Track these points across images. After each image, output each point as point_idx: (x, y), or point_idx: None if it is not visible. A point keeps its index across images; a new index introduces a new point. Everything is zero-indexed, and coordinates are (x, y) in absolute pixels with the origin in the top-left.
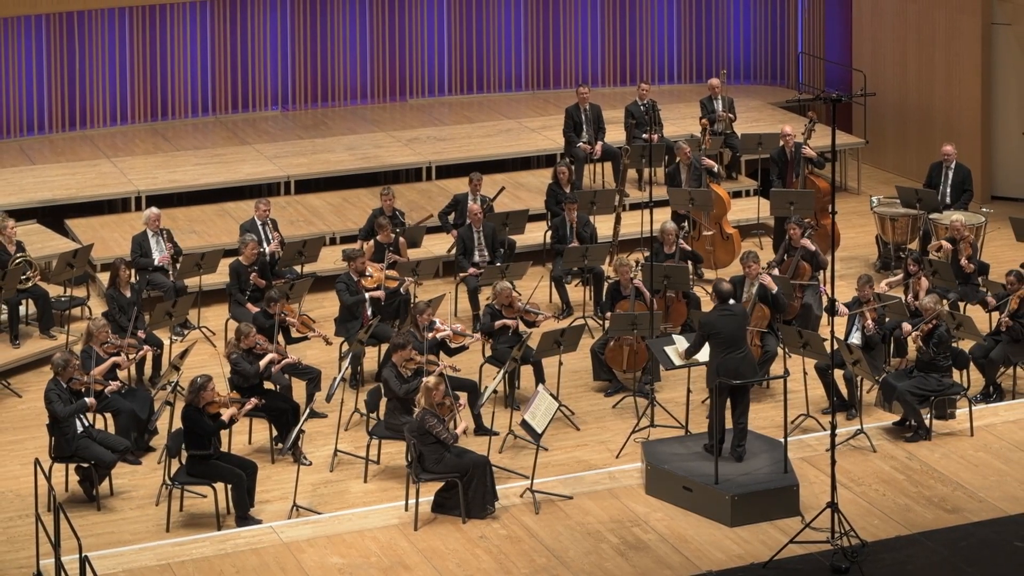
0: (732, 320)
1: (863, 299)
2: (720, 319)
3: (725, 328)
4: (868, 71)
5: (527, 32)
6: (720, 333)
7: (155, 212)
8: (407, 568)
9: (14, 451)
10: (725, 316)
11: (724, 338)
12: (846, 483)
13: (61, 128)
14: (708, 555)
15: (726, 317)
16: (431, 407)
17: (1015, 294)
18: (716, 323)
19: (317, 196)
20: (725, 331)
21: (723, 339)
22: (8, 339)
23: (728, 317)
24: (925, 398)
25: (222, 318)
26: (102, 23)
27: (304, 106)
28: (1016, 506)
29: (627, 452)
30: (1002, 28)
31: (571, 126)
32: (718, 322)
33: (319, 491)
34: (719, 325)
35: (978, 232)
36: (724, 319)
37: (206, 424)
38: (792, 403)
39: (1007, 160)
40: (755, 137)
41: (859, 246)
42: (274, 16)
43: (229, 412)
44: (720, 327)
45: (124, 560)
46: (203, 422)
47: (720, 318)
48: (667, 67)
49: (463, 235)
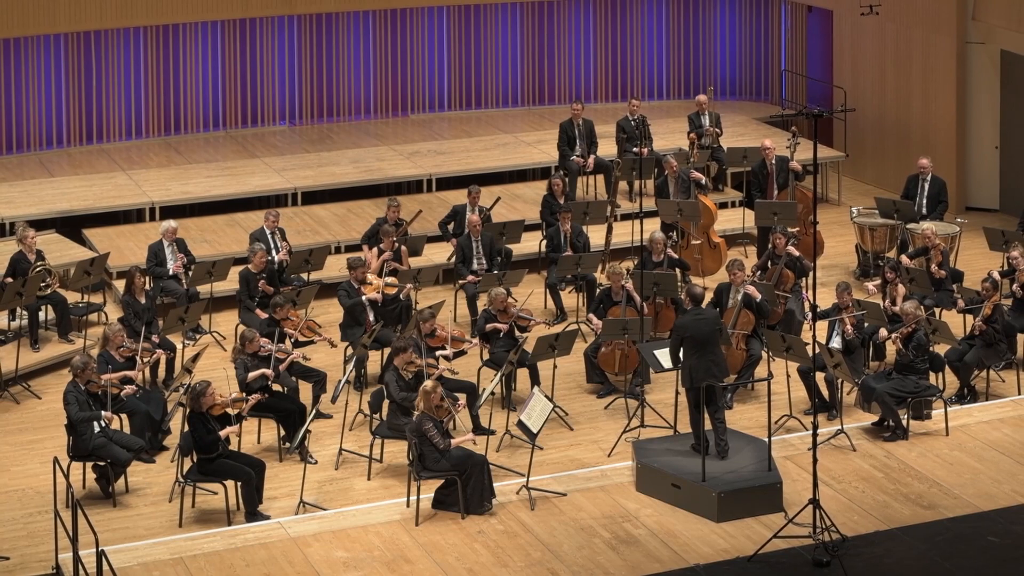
0: (704, 323)
1: (842, 305)
2: (694, 322)
3: (698, 331)
4: (848, 88)
5: (523, 51)
6: (694, 336)
7: (173, 225)
8: (408, 561)
9: (34, 450)
10: (698, 319)
11: (697, 340)
12: (827, 480)
13: (79, 142)
14: (695, 549)
15: (699, 320)
16: (429, 410)
17: (989, 300)
18: (689, 326)
19: (323, 207)
20: (698, 334)
21: (696, 341)
22: (28, 343)
23: (701, 320)
24: (903, 399)
25: (232, 323)
26: (118, 42)
27: (310, 121)
28: (989, 503)
29: (618, 451)
30: (976, 47)
31: (565, 140)
32: (691, 325)
33: (325, 488)
34: (692, 328)
35: (952, 241)
36: (697, 322)
37: (201, 435)
38: (776, 404)
39: (981, 172)
40: (740, 151)
41: (839, 254)
42: (282, 36)
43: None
44: (693, 330)
45: (139, 554)
46: (200, 431)
47: (694, 321)
48: (657, 84)
49: (462, 244)
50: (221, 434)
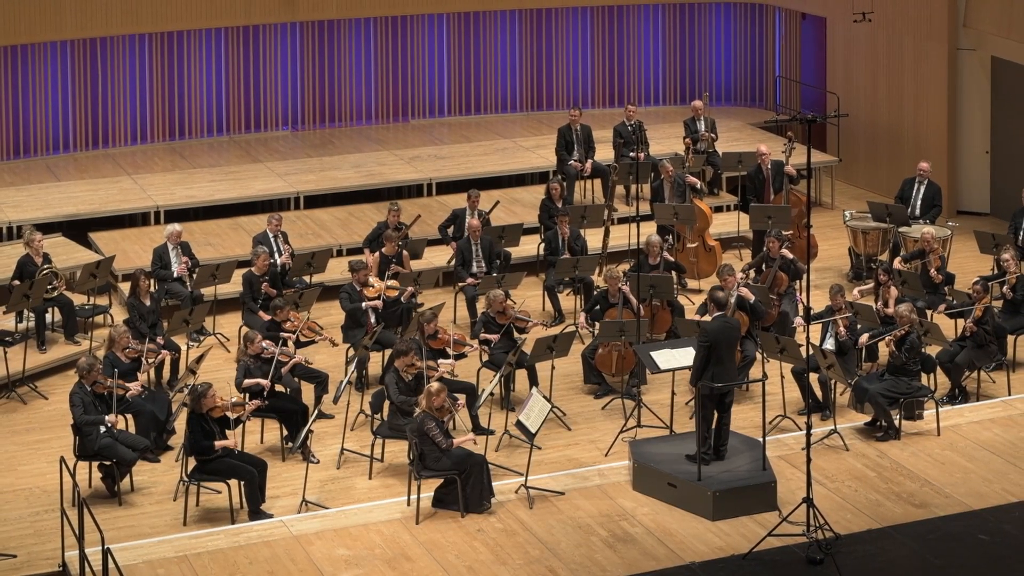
0: (731, 330)
1: (835, 307)
2: (721, 329)
3: (727, 337)
4: (841, 94)
5: (522, 57)
6: (720, 342)
7: (178, 229)
8: (409, 559)
9: (41, 450)
10: (726, 326)
11: (722, 346)
12: (821, 480)
13: (85, 147)
14: (691, 547)
15: (726, 327)
16: (431, 410)
17: (979, 302)
18: (716, 332)
19: (325, 211)
20: (725, 340)
21: (721, 347)
22: (35, 345)
23: (728, 327)
24: (895, 400)
25: (236, 325)
26: (123, 49)
27: (312, 126)
28: (980, 501)
29: (615, 451)
30: (967, 53)
31: (563, 145)
32: (719, 331)
33: (327, 487)
34: (719, 334)
35: (944, 244)
36: (725, 329)
37: (197, 437)
38: (770, 405)
39: (971, 177)
40: (735, 156)
41: (832, 257)
42: (284, 42)
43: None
44: (721, 336)
45: (144, 552)
46: (197, 433)
47: (722, 327)
48: (653, 90)
49: (462, 247)
50: (217, 445)
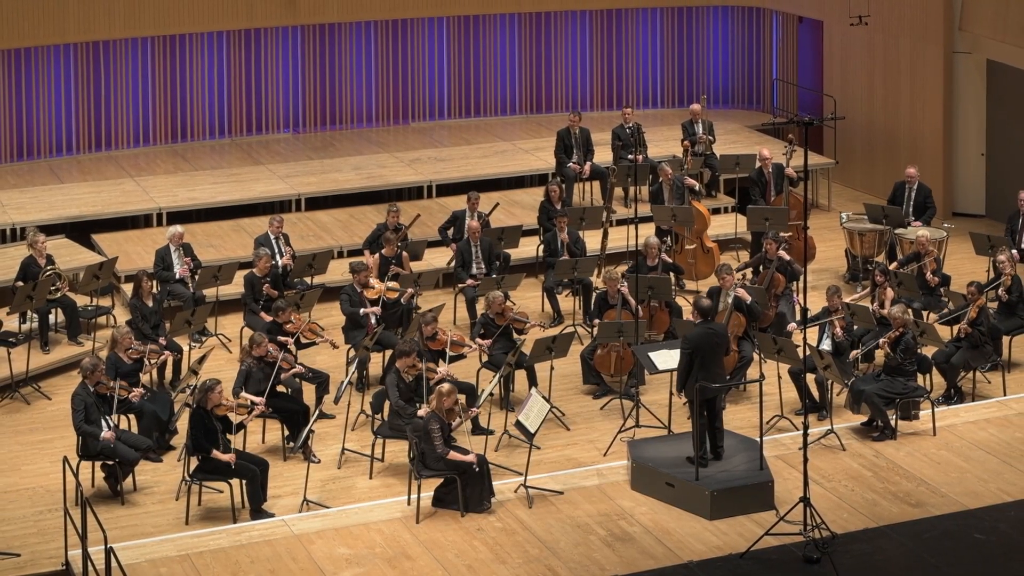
0: (713, 337)
1: (832, 308)
2: (703, 336)
3: (708, 345)
4: (838, 96)
5: (521, 60)
6: (703, 350)
7: (179, 230)
8: (409, 558)
9: (44, 450)
10: (708, 334)
11: (706, 354)
12: (817, 479)
13: (88, 149)
14: (689, 546)
15: (709, 335)
16: (439, 411)
17: (974, 304)
18: (698, 341)
19: (326, 212)
20: (707, 348)
21: (705, 355)
22: (39, 346)
23: (710, 334)
24: (891, 400)
25: (237, 326)
26: (126, 52)
27: (314, 129)
28: (976, 500)
29: (614, 451)
30: (962, 56)
31: (562, 148)
32: (701, 340)
33: (328, 487)
34: (701, 342)
35: (940, 246)
36: (707, 336)
37: (198, 435)
38: (767, 405)
39: (967, 179)
40: (733, 158)
41: (829, 259)
42: (286, 46)
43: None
44: (702, 344)
45: (146, 551)
46: (198, 431)
47: (704, 335)
48: (651, 93)
49: (462, 249)
50: (215, 455)
